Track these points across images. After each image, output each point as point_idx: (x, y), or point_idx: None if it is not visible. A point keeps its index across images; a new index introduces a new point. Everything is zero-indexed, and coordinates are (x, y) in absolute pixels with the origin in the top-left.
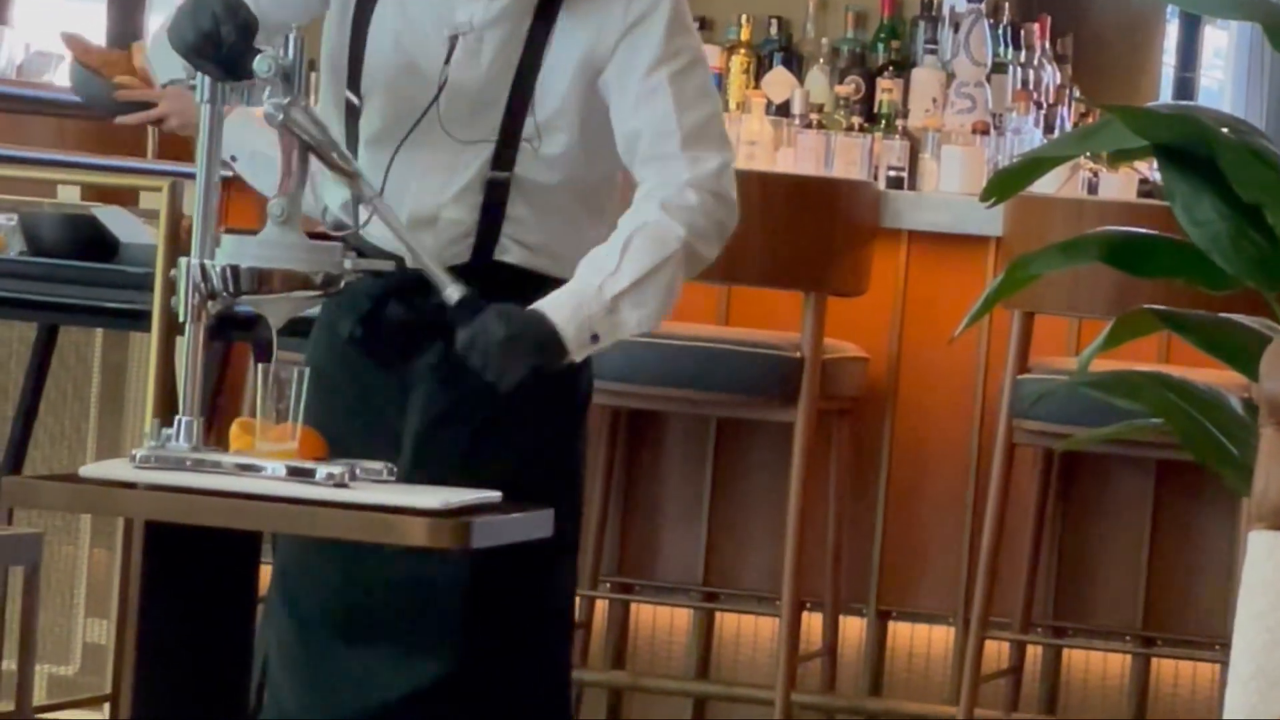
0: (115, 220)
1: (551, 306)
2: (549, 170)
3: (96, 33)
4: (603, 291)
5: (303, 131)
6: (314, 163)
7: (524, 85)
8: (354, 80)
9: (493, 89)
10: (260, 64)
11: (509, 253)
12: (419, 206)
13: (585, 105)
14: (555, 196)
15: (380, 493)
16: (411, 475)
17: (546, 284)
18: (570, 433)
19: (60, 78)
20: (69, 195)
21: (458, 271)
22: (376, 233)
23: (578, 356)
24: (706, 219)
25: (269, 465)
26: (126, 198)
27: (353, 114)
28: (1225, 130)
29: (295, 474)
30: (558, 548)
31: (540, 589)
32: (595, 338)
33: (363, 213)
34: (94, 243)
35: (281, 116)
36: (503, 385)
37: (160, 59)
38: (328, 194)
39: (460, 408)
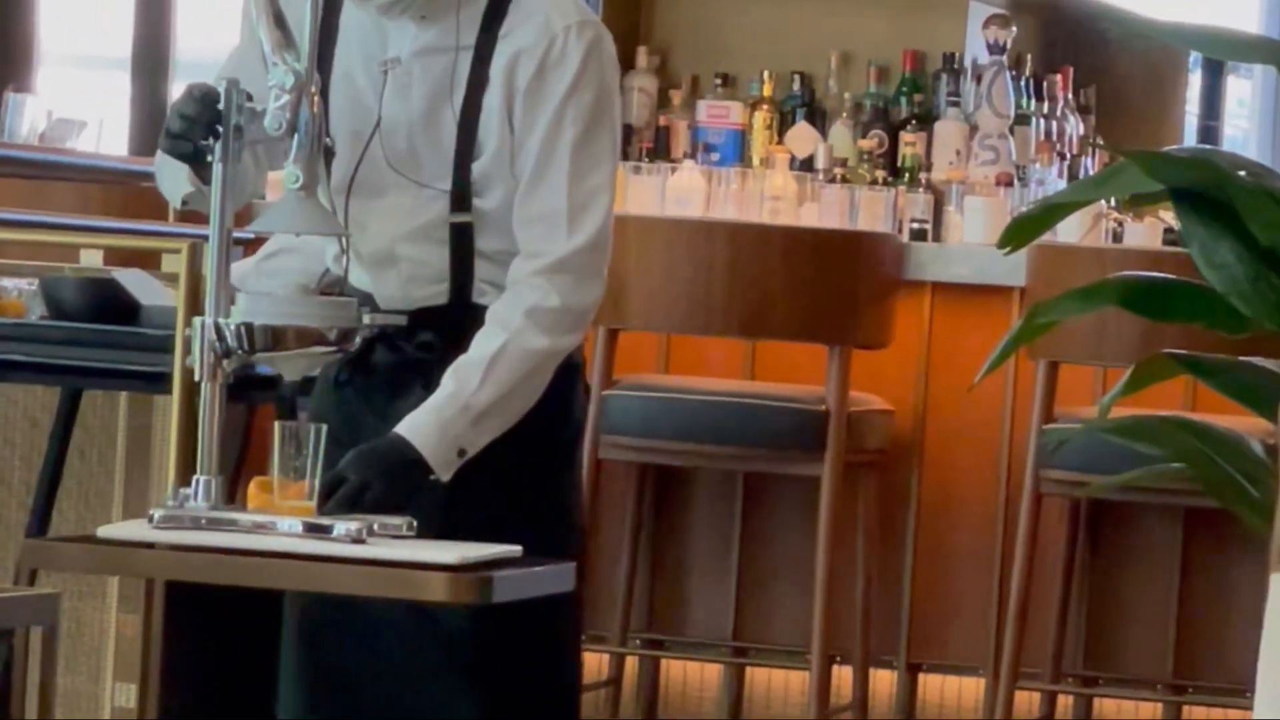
0: (135, 283)
1: (415, 430)
2: (505, 215)
3: (121, 101)
4: (468, 410)
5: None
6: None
7: (467, 132)
8: (327, 125)
9: (427, 129)
10: (272, 123)
11: (485, 295)
12: (377, 245)
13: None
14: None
15: (398, 549)
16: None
17: None
18: (559, 473)
19: (83, 143)
20: (91, 260)
21: (435, 314)
22: (353, 277)
23: (444, 475)
24: (571, 314)
25: (286, 522)
26: (149, 261)
27: (329, 157)
28: (1242, 173)
29: (312, 530)
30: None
31: (547, 633)
32: (462, 453)
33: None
34: (114, 306)
35: (299, 185)
36: (372, 510)
37: (165, 180)
38: (326, 251)
39: None
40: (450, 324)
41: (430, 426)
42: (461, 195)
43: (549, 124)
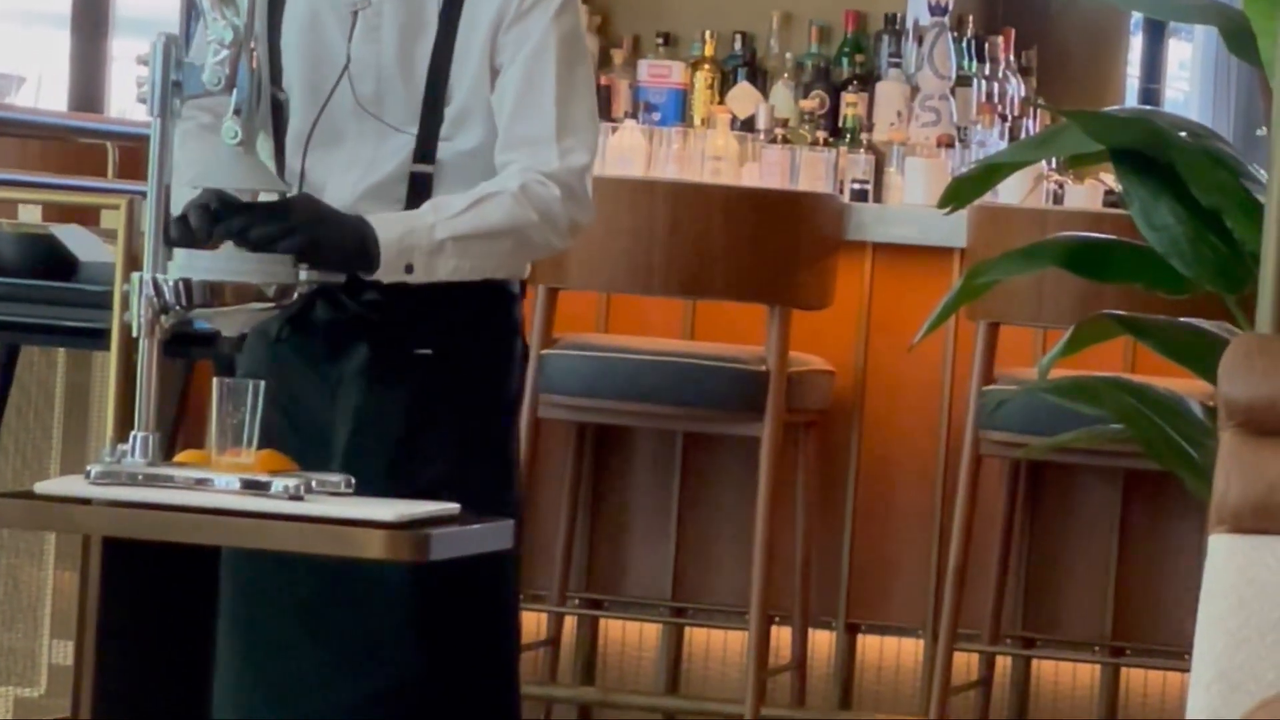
0: (74, 239)
1: (380, 222)
2: (470, 163)
3: (60, 57)
4: (435, 230)
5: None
6: None
7: (439, 72)
8: (276, 76)
9: (400, 70)
10: (210, 78)
11: None
12: (336, 201)
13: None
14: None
15: (336, 505)
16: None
17: (481, 290)
18: (501, 432)
19: (22, 98)
20: (30, 215)
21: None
22: None
23: (385, 277)
24: (563, 212)
25: (223, 478)
26: (88, 217)
27: (279, 111)
28: (1183, 134)
29: (250, 487)
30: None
31: (488, 591)
32: (409, 268)
33: None
34: (53, 261)
35: (238, 140)
36: (283, 246)
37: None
38: None
39: (386, 416)
40: (398, 287)
41: (394, 227)
42: (428, 140)
43: (533, 50)
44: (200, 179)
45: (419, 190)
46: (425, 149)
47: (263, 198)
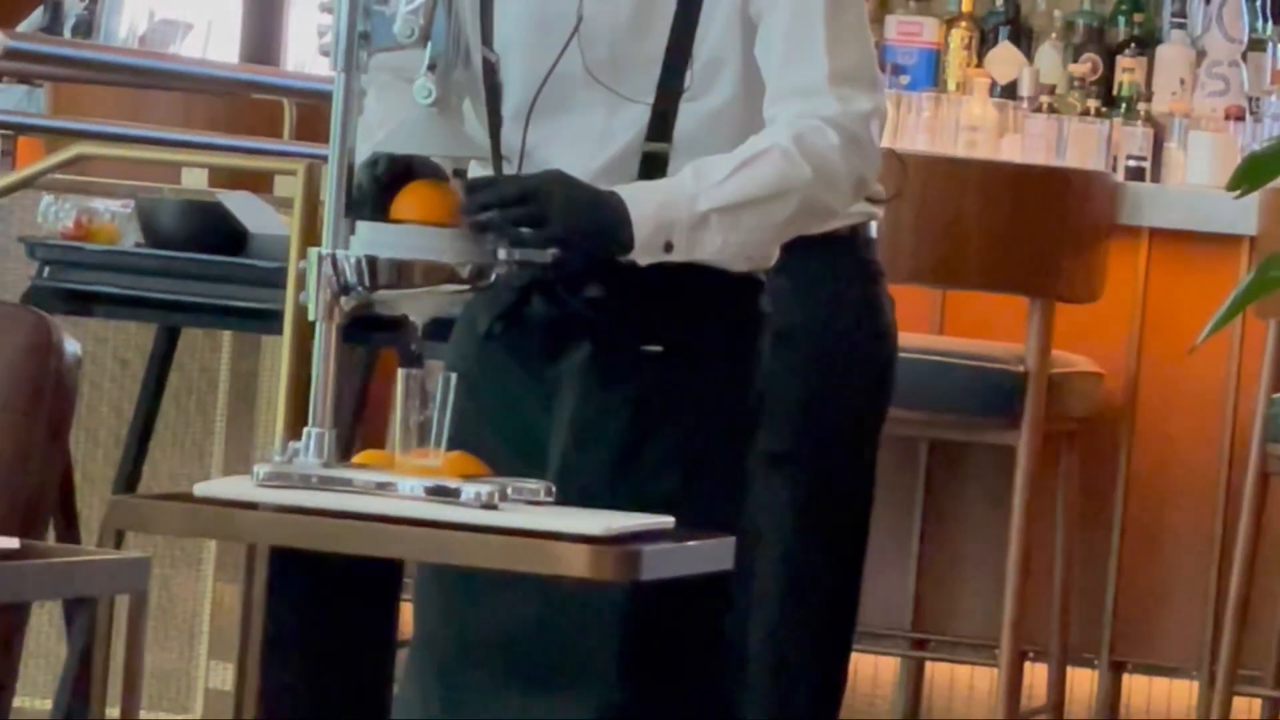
0: (244, 208)
1: (633, 196)
2: (711, 133)
3: (232, 3)
4: (697, 201)
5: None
6: None
7: (681, 34)
8: (487, 35)
9: (639, 32)
10: (402, 29)
11: None
12: None
13: (746, 48)
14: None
15: (535, 516)
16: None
17: (714, 276)
18: (739, 442)
19: (188, 48)
20: (194, 180)
21: (606, 263)
22: None
23: (642, 259)
24: (844, 164)
25: (408, 483)
26: (259, 183)
27: (490, 74)
28: None
29: (437, 494)
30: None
31: (708, 617)
32: (669, 246)
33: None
34: (220, 233)
35: (432, 100)
36: (537, 239)
37: None
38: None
39: (609, 420)
40: (624, 278)
41: (651, 201)
42: (664, 115)
43: None
44: (389, 143)
45: (653, 168)
46: (662, 122)
47: (474, 170)
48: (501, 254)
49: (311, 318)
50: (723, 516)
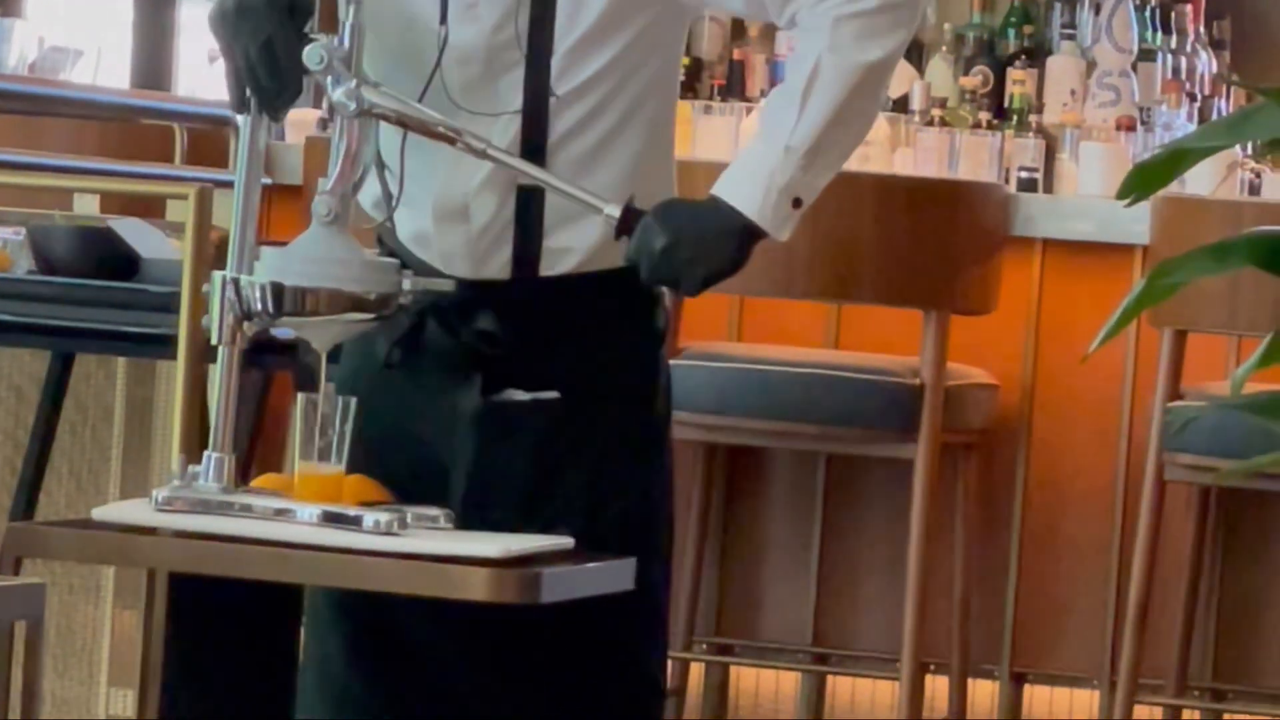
0: (135, 233)
1: (734, 190)
2: (590, 116)
3: (122, 28)
4: (790, 153)
5: (385, 109)
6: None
7: (540, 33)
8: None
9: (506, 45)
10: (310, 56)
11: (558, 265)
12: (446, 197)
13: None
14: (603, 153)
15: (434, 540)
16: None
17: (615, 300)
18: (650, 468)
19: (79, 75)
20: (86, 206)
21: (494, 290)
22: (405, 232)
23: (782, 234)
24: (885, 22)
25: (307, 509)
26: (151, 209)
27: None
28: None
29: (336, 520)
30: (645, 603)
31: (624, 647)
32: (798, 202)
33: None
34: (111, 259)
35: (354, 106)
36: (682, 293)
37: None
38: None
39: (510, 472)
40: (512, 306)
41: (751, 183)
42: (534, 121)
43: None
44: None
45: (539, 163)
46: (534, 129)
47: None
48: (406, 283)
49: (215, 342)
50: (638, 542)
